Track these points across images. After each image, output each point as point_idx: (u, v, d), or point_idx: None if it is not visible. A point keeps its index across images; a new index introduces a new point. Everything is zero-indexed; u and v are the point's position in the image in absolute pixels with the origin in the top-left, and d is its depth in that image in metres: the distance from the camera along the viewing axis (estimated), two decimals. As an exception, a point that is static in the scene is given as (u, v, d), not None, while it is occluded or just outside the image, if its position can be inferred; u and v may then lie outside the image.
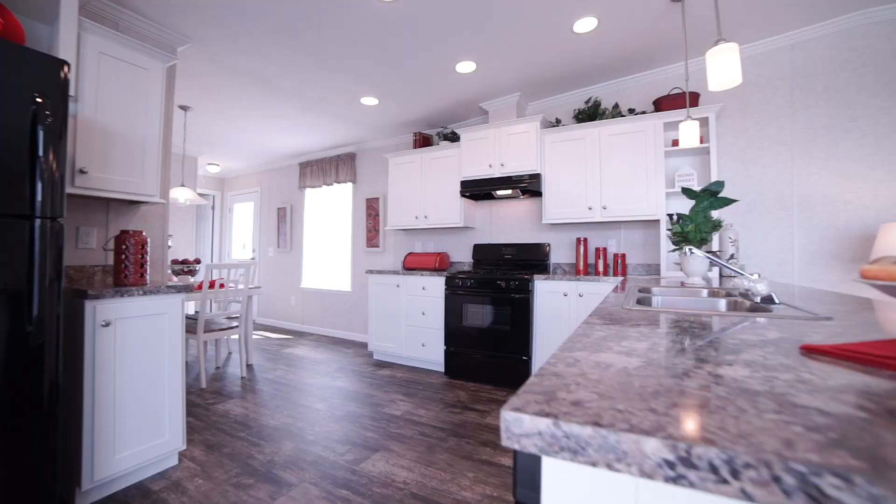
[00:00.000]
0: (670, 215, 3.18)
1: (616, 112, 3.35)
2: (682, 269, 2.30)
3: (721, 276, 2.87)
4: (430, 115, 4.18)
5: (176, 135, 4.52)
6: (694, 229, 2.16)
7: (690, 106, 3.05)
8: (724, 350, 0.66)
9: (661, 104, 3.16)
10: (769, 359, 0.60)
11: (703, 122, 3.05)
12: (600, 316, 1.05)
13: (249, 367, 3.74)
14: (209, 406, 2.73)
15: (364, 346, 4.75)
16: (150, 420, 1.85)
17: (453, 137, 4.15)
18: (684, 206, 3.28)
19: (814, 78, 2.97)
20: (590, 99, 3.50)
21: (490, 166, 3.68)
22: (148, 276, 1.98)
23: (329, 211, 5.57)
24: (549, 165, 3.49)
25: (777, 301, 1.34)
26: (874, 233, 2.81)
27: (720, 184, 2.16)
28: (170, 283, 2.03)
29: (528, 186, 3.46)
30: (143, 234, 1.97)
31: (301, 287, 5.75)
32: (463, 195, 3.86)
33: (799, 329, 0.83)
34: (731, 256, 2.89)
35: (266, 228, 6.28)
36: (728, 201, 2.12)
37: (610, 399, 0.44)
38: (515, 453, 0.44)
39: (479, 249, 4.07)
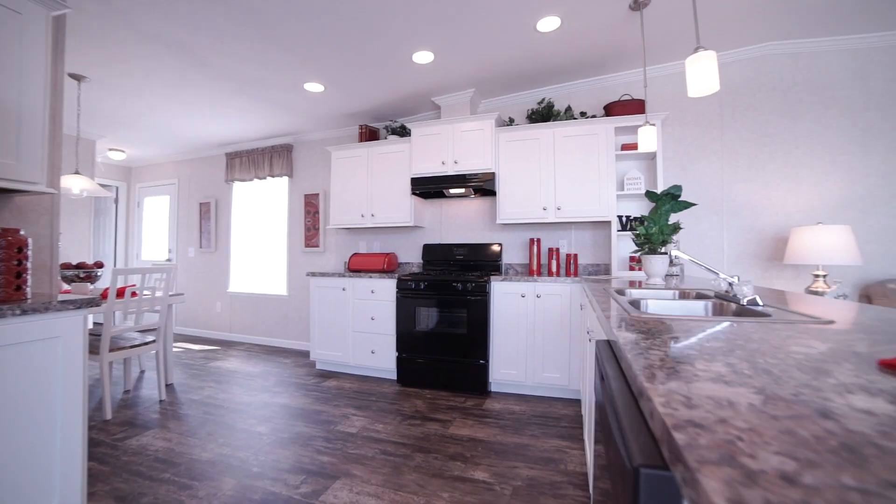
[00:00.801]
0: (622, 217, 3.31)
1: (569, 114, 3.40)
2: (643, 270, 2.35)
3: (666, 275, 3.03)
4: (379, 108, 3.94)
5: (67, 111, 3.77)
6: (658, 231, 2.22)
7: (637, 113, 3.18)
8: (809, 369, 0.59)
9: (611, 109, 3.26)
10: (873, 382, 0.53)
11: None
12: (625, 325, 0.96)
13: (169, 387, 3.22)
14: (118, 443, 2.25)
15: (305, 354, 4.37)
16: (32, 480, 1.41)
17: (402, 132, 3.96)
18: (634, 208, 3.43)
19: (738, 96, 3.25)
20: (543, 100, 3.52)
21: (443, 163, 3.55)
22: (29, 289, 1.54)
23: (261, 207, 5.06)
24: (503, 164, 3.45)
25: (761, 303, 1.38)
26: (786, 235, 3.15)
27: (678, 187, 2.25)
28: (64, 297, 1.60)
29: (483, 185, 3.39)
30: (22, 233, 1.53)
31: (229, 291, 5.15)
32: (413, 193, 3.69)
33: (831, 337, 0.80)
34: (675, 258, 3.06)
35: (186, 226, 5.55)
36: (688, 204, 2.21)
37: (811, 465, 0.32)
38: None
39: (429, 250, 3.92)
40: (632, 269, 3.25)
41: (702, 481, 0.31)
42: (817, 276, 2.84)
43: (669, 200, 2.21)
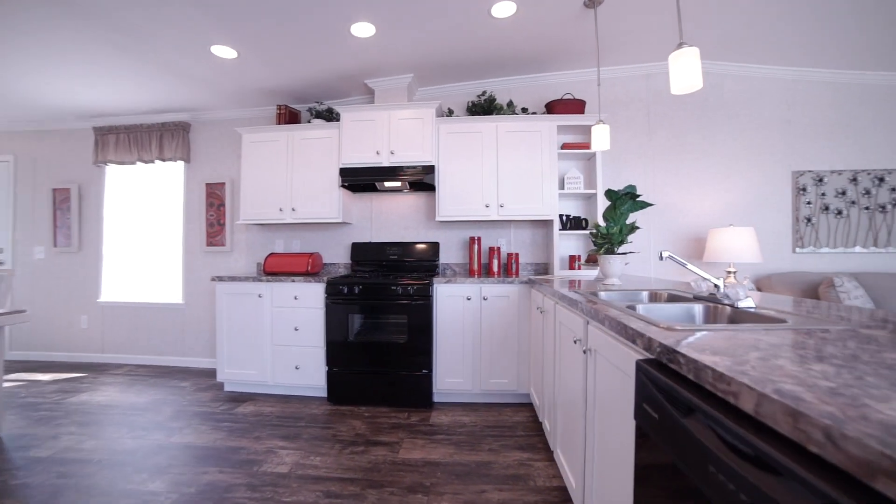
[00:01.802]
0: (563, 216, 3.30)
1: (511, 109, 3.31)
2: (601, 270, 2.31)
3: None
4: (303, 86, 3.44)
5: None
6: (619, 231, 2.19)
7: (578, 113, 3.20)
8: None
9: (553, 107, 3.23)
10: None
11: (589, 130, 3.23)
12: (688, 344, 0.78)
13: None
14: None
15: (209, 374, 3.66)
16: None
17: (329, 116, 3.51)
18: (573, 207, 3.45)
19: (662, 104, 3.46)
20: (484, 92, 3.37)
21: (378, 153, 3.21)
22: None
23: (148, 198, 4.15)
24: (444, 158, 3.23)
25: (755, 306, 1.35)
26: (703, 235, 3.44)
27: (633, 187, 2.24)
28: None
29: (421, 179, 3.13)
30: None
31: (100, 301, 4.13)
32: (342, 185, 3.28)
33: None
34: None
35: (29, 218, 4.32)
36: (645, 204, 2.20)
37: None
38: None
39: (358, 249, 3.55)
40: (572, 268, 3.27)
41: None
42: (729, 272, 3.12)
43: (628, 200, 2.20)
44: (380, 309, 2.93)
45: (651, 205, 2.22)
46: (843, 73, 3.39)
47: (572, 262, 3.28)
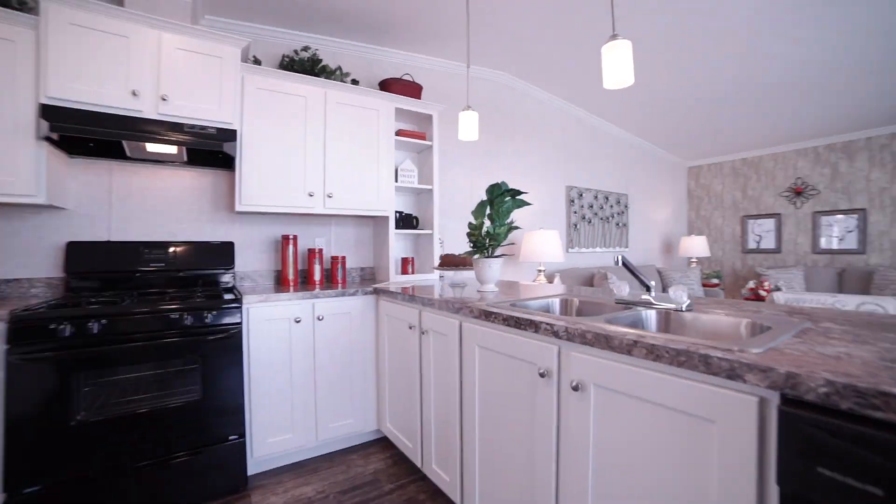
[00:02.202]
0: (398, 213, 2.89)
1: (341, 77, 2.65)
2: (477, 276, 2.07)
3: (454, 284, 2.90)
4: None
5: None
6: (505, 231, 1.99)
7: (414, 97, 2.87)
8: None
9: (389, 86, 2.78)
10: None
11: (427, 120, 2.96)
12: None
13: None
14: None
15: None
16: None
17: (21, 5, 1.87)
18: (403, 203, 3.10)
19: (482, 109, 3.59)
20: (307, 48, 2.57)
21: (135, 94, 1.92)
22: None
23: None
24: (251, 123, 2.26)
25: (694, 309, 1.37)
26: (511, 238, 3.76)
27: (505, 184, 2.09)
28: None
29: (214, 147, 2.08)
30: None
31: None
32: (47, 137, 1.81)
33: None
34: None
35: None
36: (524, 203, 2.09)
37: None
38: None
39: (81, 253, 2.08)
40: (406, 272, 2.92)
41: None
42: (540, 270, 3.54)
43: (508, 198, 2.03)
44: (144, 355, 1.73)
45: (528, 204, 2.14)
46: (591, 116, 4.43)
47: (406, 265, 2.94)
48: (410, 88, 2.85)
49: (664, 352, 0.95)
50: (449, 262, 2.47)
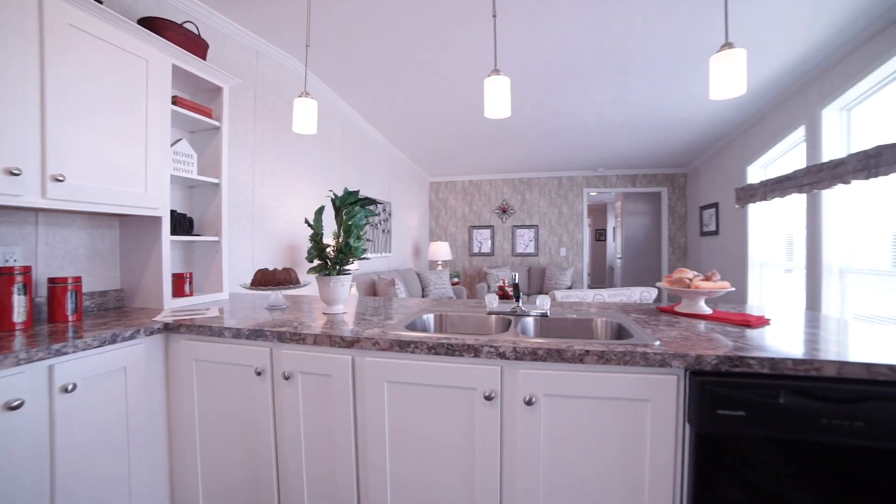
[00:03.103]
0: (173, 214, 2.02)
1: (76, -11, 1.63)
2: (324, 296, 1.76)
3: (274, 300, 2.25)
4: None
5: None
6: (362, 245, 1.75)
7: (198, 55, 2.10)
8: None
9: (162, 30, 1.92)
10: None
11: (214, 93, 2.23)
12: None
13: None
14: None
15: None
16: None
17: None
18: (172, 198, 2.21)
19: (267, 92, 3.01)
20: None
21: None
22: None
23: None
24: None
25: (551, 314, 1.63)
26: (295, 243, 3.34)
27: (357, 192, 1.87)
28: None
29: None
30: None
31: None
32: None
33: (624, 311, 1.33)
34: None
35: None
36: (373, 213, 1.90)
37: None
38: None
39: None
40: (180, 293, 2.10)
41: None
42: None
43: (360, 209, 1.79)
44: None
45: (376, 214, 1.97)
46: (366, 122, 4.46)
47: (180, 285, 2.11)
48: (193, 43, 2.07)
49: (612, 355, 1.11)
50: (266, 279, 1.95)
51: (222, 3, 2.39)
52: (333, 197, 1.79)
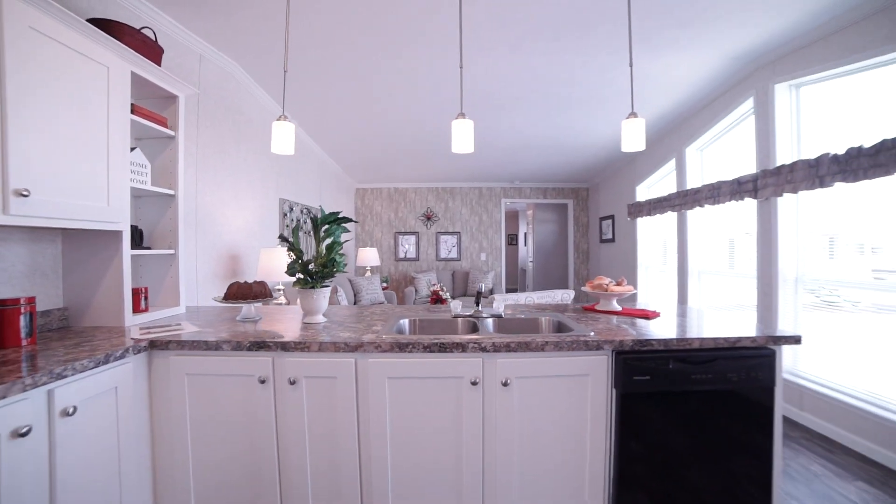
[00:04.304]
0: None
1: (38, -6, 1.55)
2: (304, 307, 1.91)
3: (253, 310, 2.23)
4: None
5: None
6: (344, 259, 1.93)
7: (153, 61, 2.05)
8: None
9: (117, 32, 1.86)
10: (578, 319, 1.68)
11: (168, 101, 2.19)
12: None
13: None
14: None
15: None
16: None
17: None
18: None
19: (211, 98, 2.94)
20: None
21: None
22: None
23: None
24: None
25: (505, 315, 1.99)
26: (236, 253, 3.29)
27: (336, 213, 2.04)
28: None
29: None
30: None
31: None
32: None
33: (558, 310, 1.84)
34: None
35: None
36: (346, 230, 2.08)
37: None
38: None
39: None
40: (137, 309, 2.04)
41: None
42: (279, 289, 3.31)
43: (338, 228, 1.97)
44: None
45: (348, 231, 2.14)
46: (300, 130, 4.45)
47: (136, 300, 2.04)
48: (150, 49, 2.03)
49: (564, 344, 1.50)
50: (243, 293, 2.01)
51: (168, 3, 2.33)
52: (312, 217, 1.94)
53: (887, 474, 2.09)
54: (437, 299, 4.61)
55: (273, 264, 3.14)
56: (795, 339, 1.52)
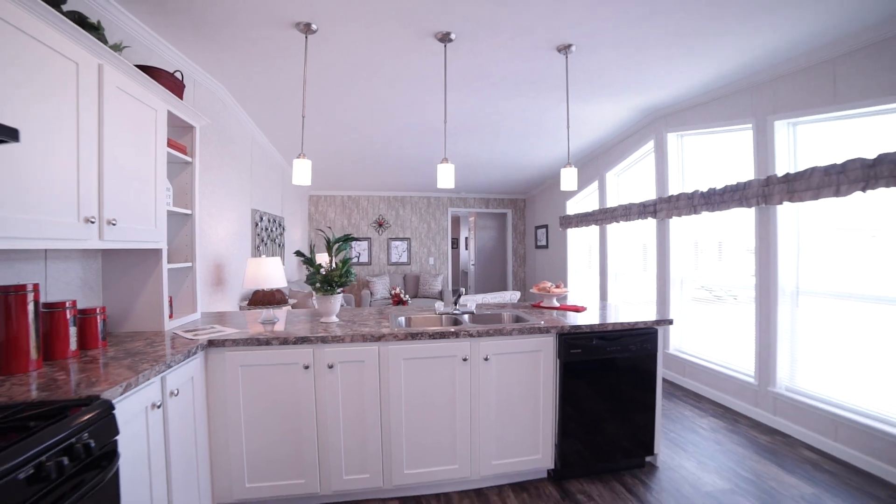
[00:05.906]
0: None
1: (119, 47, 1.85)
2: (322, 309, 2.39)
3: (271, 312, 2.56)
4: None
5: None
6: (353, 271, 2.42)
7: (180, 97, 2.37)
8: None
9: (157, 76, 2.18)
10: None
11: (187, 130, 2.50)
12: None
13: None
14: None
15: None
16: None
17: None
18: None
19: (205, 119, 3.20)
20: (55, -11, 1.63)
21: None
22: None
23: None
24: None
25: (476, 311, 2.61)
26: (221, 262, 3.57)
27: (349, 234, 2.51)
28: None
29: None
30: None
31: None
32: None
33: (514, 307, 2.57)
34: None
35: None
36: (349, 246, 2.56)
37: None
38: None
39: None
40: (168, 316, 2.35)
41: (726, 321, 2.20)
42: (259, 291, 3.62)
43: (347, 245, 2.45)
44: None
45: (352, 248, 2.62)
46: (268, 143, 4.71)
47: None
48: (178, 87, 2.35)
49: (526, 330, 2.15)
50: (267, 299, 2.41)
51: (163, 27, 2.55)
52: (327, 238, 2.40)
53: (727, 411, 3.09)
54: (398, 301, 5.12)
55: (261, 272, 3.44)
56: (669, 322, 2.33)
